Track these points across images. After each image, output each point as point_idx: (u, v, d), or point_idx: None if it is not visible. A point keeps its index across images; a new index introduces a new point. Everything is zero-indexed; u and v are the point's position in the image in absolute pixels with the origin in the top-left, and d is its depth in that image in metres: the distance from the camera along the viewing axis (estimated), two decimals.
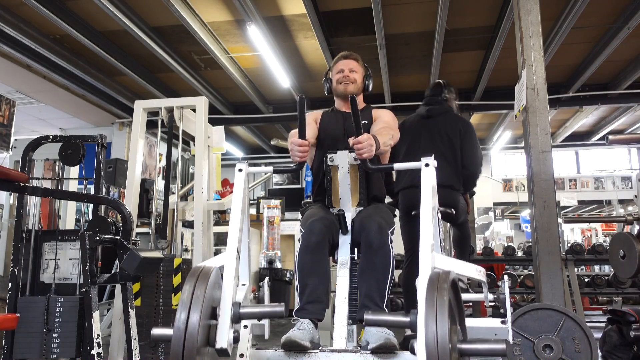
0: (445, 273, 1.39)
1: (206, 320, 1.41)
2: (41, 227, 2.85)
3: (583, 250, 5.18)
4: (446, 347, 1.22)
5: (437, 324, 1.25)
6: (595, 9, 4.94)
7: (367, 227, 2.06)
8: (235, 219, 1.80)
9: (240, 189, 1.89)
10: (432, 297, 1.30)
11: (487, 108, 7.47)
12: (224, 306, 1.53)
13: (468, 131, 3.41)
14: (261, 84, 7.03)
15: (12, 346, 2.54)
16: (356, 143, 1.97)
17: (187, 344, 1.32)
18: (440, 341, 1.23)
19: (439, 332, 1.24)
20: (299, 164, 2.08)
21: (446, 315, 1.25)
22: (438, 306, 1.27)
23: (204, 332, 1.40)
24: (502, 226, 15.51)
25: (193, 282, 1.42)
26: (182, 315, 1.35)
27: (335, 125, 2.47)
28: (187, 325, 1.33)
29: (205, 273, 1.46)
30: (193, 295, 1.38)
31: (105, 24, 5.24)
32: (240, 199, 1.86)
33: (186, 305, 1.36)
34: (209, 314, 1.44)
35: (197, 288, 1.40)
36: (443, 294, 1.30)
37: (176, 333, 1.33)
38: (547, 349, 2.45)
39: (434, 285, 1.35)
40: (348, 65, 2.47)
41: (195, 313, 1.35)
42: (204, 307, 1.37)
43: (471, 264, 1.74)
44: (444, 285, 1.33)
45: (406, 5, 4.97)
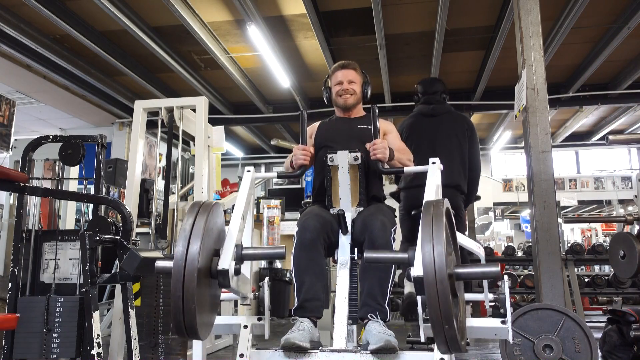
0: (440, 200, 1.41)
1: (207, 252, 1.42)
2: (41, 227, 2.85)
3: (583, 250, 5.17)
4: (443, 267, 1.23)
5: (434, 244, 1.26)
6: (595, 9, 4.94)
7: (370, 225, 2.07)
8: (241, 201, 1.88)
9: (247, 186, 1.98)
10: (429, 221, 1.32)
11: (487, 108, 7.47)
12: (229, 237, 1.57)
13: (473, 131, 3.42)
14: (261, 84, 7.03)
15: (12, 346, 2.55)
16: (372, 144, 2.13)
17: (187, 268, 1.33)
18: (437, 260, 1.23)
19: (436, 252, 1.25)
20: (302, 169, 2.20)
21: (442, 236, 1.26)
22: (434, 228, 1.29)
23: (205, 260, 1.41)
24: (502, 226, 15.50)
25: (194, 214, 1.43)
26: (181, 243, 1.36)
27: (336, 128, 2.49)
28: (187, 250, 1.34)
29: (207, 206, 1.48)
30: (193, 227, 1.39)
31: (105, 24, 5.24)
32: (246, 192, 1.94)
33: (186, 234, 1.37)
34: (210, 246, 1.45)
35: (197, 220, 1.41)
36: (439, 216, 1.31)
37: (176, 261, 1.34)
38: (547, 349, 2.45)
39: (429, 210, 1.36)
40: (346, 76, 2.48)
41: (196, 241, 1.36)
42: (204, 238, 1.38)
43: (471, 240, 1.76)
44: (440, 209, 1.34)
45: (406, 5, 4.97)
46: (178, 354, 3.10)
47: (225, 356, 3.64)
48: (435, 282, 1.23)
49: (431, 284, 1.23)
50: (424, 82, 3.61)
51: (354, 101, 2.49)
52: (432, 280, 1.23)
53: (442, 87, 3.53)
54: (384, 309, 1.97)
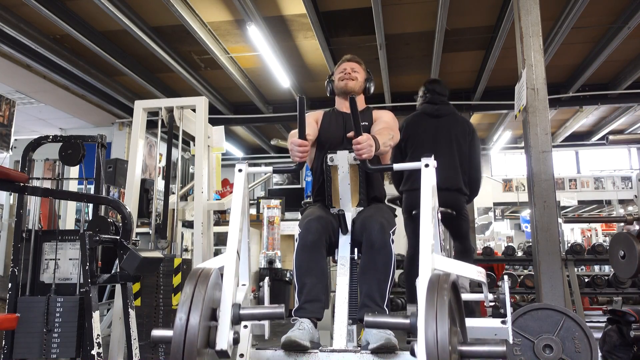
0: (445, 275, 1.39)
1: (206, 321, 1.41)
2: (41, 227, 2.85)
3: (583, 250, 5.18)
4: (446, 348, 1.22)
5: (437, 326, 1.25)
6: (595, 9, 4.94)
7: (369, 226, 2.06)
8: (235, 219, 1.80)
9: (240, 189, 1.88)
10: (432, 299, 1.30)
11: (487, 108, 7.47)
12: (224, 307, 1.53)
13: (474, 134, 3.43)
14: (261, 84, 7.03)
15: (12, 346, 2.54)
16: (356, 143, 1.97)
17: (187, 346, 1.32)
18: (441, 343, 1.22)
19: (439, 334, 1.23)
20: (299, 164, 2.08)
21: (446, 317, 1.25)
22: (438, 308, 1.27)
23: (204, 333, 1.40)
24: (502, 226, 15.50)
25: (193, 284, 1.42)
26: (182, 317, 1.35)
27: (335, 126, 2.48)
28: (187, 326, 1.33)
29: (206, 274, 1.46)
30: (193, 297, 1.38)
31: (105, 24, 5.24)
32: (240, 199, 1.85)
33: (186, 306, 1.36)
34: (209, 316, 1.44)
35: (197, 289, 1.40)
36: (443, 295, 1.30)
37: (176, 334, 1.33)
38: (547, 349, 2.45)
39: (434, 287, 1.34)
40: (351, 65, 2.52)
41: (195, 314, 1.35)
42: (204, 308, 1.37)
43: (471, 265, 1.74)
44: (444, 287, 1.33)
45: (406, 5, 4.97)
46: None
47: None
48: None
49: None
50: (434, 82, 3.61)
51: (355, 86, 2.47)
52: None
53: (445, 88, 3.58)
54: (383, 310, 1.97)
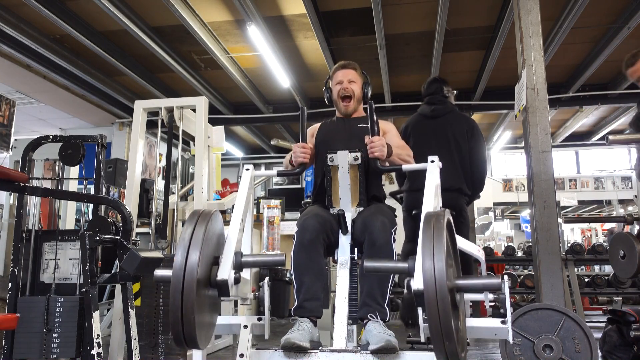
0: (440, 212, 1.40)
1: (206, 261, 1.42)
2: (41, 227, 2.85)
3: (583, 250, 5.18)
4: (443, 279, 1.22)
5: (435, 257, 1.25)
6: (595, 9, 4.94)
7: (370, 225, 2.07)
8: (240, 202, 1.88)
9: (246, 186, 1.99)
10: (429, 233, 1.31)
11: (487, 108, 7.47)
12: (228, 247, 1.56)
13: (475, 131, 3.40)
14: (261, 84, 7.03)
15: (12, 346, 2.55)
16: (370, 142, 2.11)
17: (186, 280, 1.32)
18: (438, 273, 1.22)
19: (437, 265, 1.24)
20: (301, 167, 2.19)
21: (443, 248, 1.25)
22: (435, 240, 1.28)
23: (205, 270, 1.41)
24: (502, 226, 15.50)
25: (193, 223, 1.42)
26: (180, 253, 1.35)
27: (336, 128, 2.49)
28: (186, 261, 1.34)
29: (206, 215, 1.47)
30: (192, 235, 1.40)
31: (105, 24, 5.24)
32: (245, 192, 1.95)
33: (185, 244, 1.37)
34: (209, 255, 1.45)
35: (196, 229, 1.41)
36: (440, 228, 1.31)
37: (175, 269, 1.34)
38: (547, 349, 2.45)
39: (429, 222, 1.35)
40: (346, 75, 2.49)
41: (195, 252, 1.36)
42: (203, 247, 1.38)
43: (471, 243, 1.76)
44: (440, 222, 1.34)
45: (406, 5, 4.97)
46: (178, 354, 3.11)
47: (225, 356, 3.64)
48: (436, 297, 1.22)
49: (431, 299, 1.22)
50: (427, 82, 3.63)
51: (354, 106, 2.50)
52: (432, 295, 1.22)
53: (442, 85, 3.51)
54: (384, 309, 1.97)
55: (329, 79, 2.60)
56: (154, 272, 1.46)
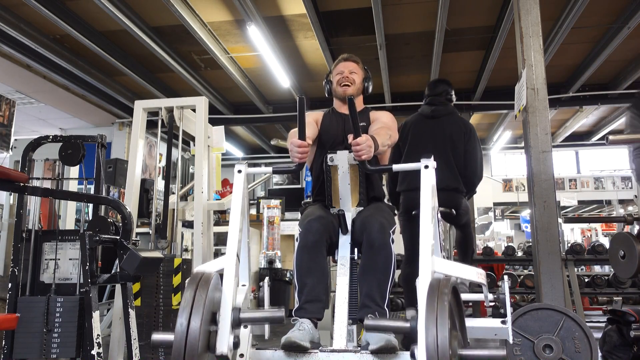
0: (445, 279, 1.39)
1: (207, 326, 1.42)
2: (41, 227, 2.85)
3: (583, 250, 5.18)
4: (446, 353, 1.22)
5: (438, 330, 1.25)
6: (595, 9, 4.94)
7: (368, 226, 2.06)
8: (234, 222, 1.79)
9: (240, 190, 1.87)
10: (433, 304, 1.31)
11: (487, 108, 7.47)
12: (224, 312, 1.53)
13: (472, 135, 3.40)
14: (261, 84, 7.03)
15: (12, 346, 2.54)
16: (355, 144, 1.97)
17: (188, 350, 1.33)
18: (441, 347, 1.23)
19: (440, 338, 1.24)
20: (299, 164, 2.07)
21: (447, 322, 1.25)
22: (439, 313, 1.28)
23: (205, 337, 1.41)
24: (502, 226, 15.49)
25: (194, 288, 1.42)
26: (182, 322, 1.35)
27: (335, 127, 2.48)
28: (187, 331, 1.34)
29: (206, 279, 1.47)
30: (194, 301, 1.39)
31: (105, 24, 5.24)
32: (240, 201, 1.84)
33: (187, 311, 1.37)
34: (209, 320, 1.45)
35: (197, 294, 1.41)
36: (444, 300, 1.30)
37: (177, 339, 1.34)
38: (547, 349, 2.45)
39: (434, 291, 1.35)
40: (348, 67, 2.49)
41: (196, 319, 1.36)
42: (204, 312, 1.38)
43: (471, 267, 1.74)
44: (445, 291, 1.33)
45: (406, 5, 4.97)
46: None
47: None
48: None
49: None
50: (430, 83, 3.63)
51: (353, 91, 2.46)
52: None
53: (447, 87, 3.52)
54: (384, 310, 1.97)
55: (330, 72, 2.59)
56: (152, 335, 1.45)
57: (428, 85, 3.61)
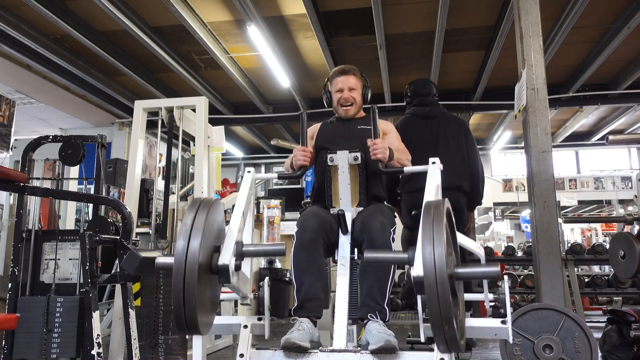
0: (440, 201, 1.41)
1: (207, 246, 1.43)
2: (41, 227, 2.86)
3: (583, 250, 5.18)
4: (443, 266, 1.23)
5: (434, 245, 1.26)
6: (595, 9, 4.94)
7: (369, 226, 2.07)
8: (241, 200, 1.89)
9: (247, 187, 1.98)
10: (429, 221, 1.32)
11: (487, 108, 7.47)
12: (229, 235, 1.58)
13: (468, 131, 3.42)
14: (261, 84, 7.03)
15: (12, 346, 2.55)
16: (373, 144, 2.12)
17: (188, 269, 1.34)
18: (438, 260, 1.24)
19: (436, 252, 1.25)
20: (302, 169, 2.19)
21: (443, 237, 1.26)
22: (435, 228, 1.29)
23: (205, 256, 1.42)
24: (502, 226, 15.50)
25: (194, 211, 1.44)
26: (182, 242, 1.37)
27: (336, 129, 2.49)
28: (188, 247, 1.35)
29: (207, 202, 1.49)
30: (194, 223, 1.41)
31: (105, 24, 5.24)
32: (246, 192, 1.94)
33: (187, 231, 1.39)
34: (209, 242, 1.46)
35: (197, 217, 1.42)
36: (440, 216, 1.31)
37: (177, 257, 1.36)
38: (547, 349, 2.45)
39: (429, 211, 1.36)
40: (347, 83, 2.46)
41: (196, 239, 1.37)
42: (204, 234, 1.40)
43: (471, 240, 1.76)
44: (440, 209, 1.35)
45: (406, 5, 4.97)
46: (178, 354, 3.10)
47: (225, 356, 3.64)
48: (436, 282, 1.23)
49: (431, 284, 1.24)
50: (417, 83, 3.58)
51: (355, 111, 2.50)
52: (432, 280, 1.24)
53: (434, 87, 3.53)
54: (384, 309, 1.97)
55: (328, 81, 2.59)
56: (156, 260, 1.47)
57: (414, 85, 3.55)
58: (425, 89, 3.50)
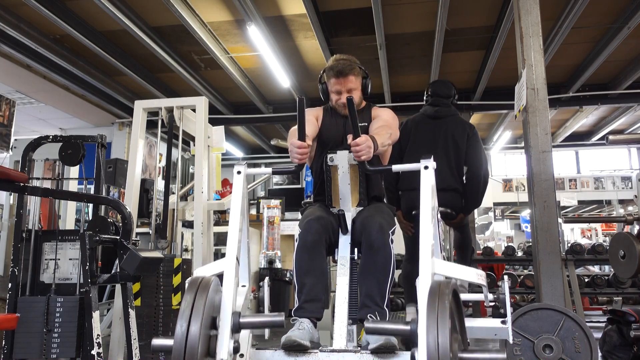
0: (445, 282, 1.40)
1: (207, 330, 1.42)
2: (41, 227, 2.85)
3: (583, 250, 5.17)
4: (447, 356, 1.23)
5: (439, 333, 1.25)
6: (595, 9, 4.94)
7: (368, 227, 2.06)
8: (234, 224, 1.79)
9: (239, 192, 1.87)
10: (434, 307, 1.31)
11: (487, 108, 7.48)
12: (224, 317, 1.54)
13: (474, 137, 3.35)
14: (261, 84, 7.03)
15: (12, 346, 2.54)
16: (354, 145, 1.96)
17: (187, 355, 1.33)
18: (442, 350, 1.23)
19: (441, 341, 1.24)
20: (298, 165, 2.06)
21: (447, 325, 1.26)
22: (439, 315, 1.28)
23: (205, 342, 1.41)
24: (502, 226, 15.51)
25: (193, 292, 1.42)
26: (182, 325, 1.35)
27: (335, 126, 2.47)
28: (187, 336, 1.35)
29: (206, 283, 1.47)
30: (193, 306, 1.40)
31: (105, 24, 5.24)
32: (239, 202, 1.84)
33: (186, 315, 1.37)
34: (209, 324, 1.45)
35: (197, 298, 1.41)
36: (444, 302, 1.31)
37: (177, 344, 1.34)
38: (547, 349, 2.45)
39: (435, 294, 1.35)
40: (345, 85, 2.39)
41: (196, 324, 1.36)
42: (204, 317, 1.38)
43: (471, 268, 1.74)
44: (445, 293, 1.33)
45: (406, 5, 4.97)
46: None
47: None
48: None
49: None
50: (435, 83, 3.57)
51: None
52: None
53: (453, 91, 3.46)
54: (383, 310, 1.97)
55: (324, 73, 2.57)
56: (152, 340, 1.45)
57: (432, 84, 3.54)
58: (442, 90, 3.45)
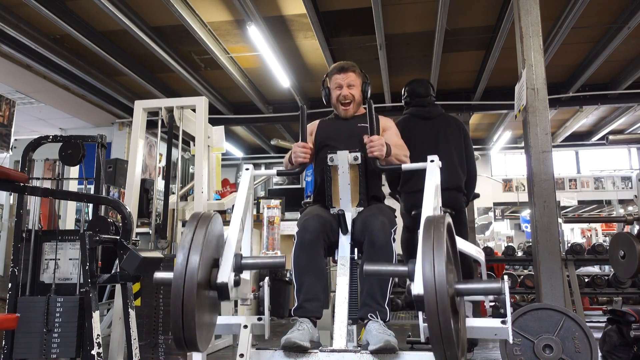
0: (440, 216, 1.40)
1: (206, 261, 1.43)
2: (41, 227, 2.86)
3: (583, 250, 5.18)
4: (444, 284, 1.22)
5: (435, 261, 1.25)
6: (595, 9, 4.94)
7: (370, 225, 2.06)
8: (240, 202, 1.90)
9: (245, 185, 2.01)
10: (429, 238, 1.31)
11: (487, 108, 7.47)
12: (228, 249, 1.58)
13: (467, 133, 3.43)
14: (261, 84, 7.03)
15: (12, 346, 2.55)
16: (369, 141, 2.11)
17: (187, 284, 1.33)
18: (438, 279, 1.22)
19: (437, 269, 1.23)
20: (301, 166, 2.18)
21: (444, 252, 1.25)
22: (435, 246, 1.28)
23: (204, 272, 1.42)
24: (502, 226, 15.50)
25: (193, 226, 1.43)
26: (181, 257, 1.36)
27: (336, 127, 2.48)
28: (187, 264, 1.35)
29: (205, 217, 1.48)
30: (193, 238, 1.41)
31: (105, 24, 5.24)
32: (245, 192, 1.96)
33: (186, 247, 1.39)
34: (208, 256, 1.46)
35: (196, 231, 1.42)
36: (440, 230, 1.30)
37: (176, 273, 1.35)
38: (547, 349, 2.45)
39: (430, 227, 1.35)
40: (346, 79, 2.44)
41: (195, 254, 1.37)
42: (203, 248, 1.40)
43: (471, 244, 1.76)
44: (441, 226, 1.34)
45: (406, 5, 4.97)
46: (178, 354, 3.11)
47: (225, 356, 3.64)
48: (436, 302, 1.22)
49: (432, 304, 1.23)
50: (415, 84, 3.56)
51: (354, 109, 2.48)
52: (432, 300, 1.22)
53: (432, 89, 3.53)
54: (384, 309, 1.97)
55: (327, 77, 2.58)
56: (154, 274, 1.46)
57: (409, 85, 3.54)
58: (424, 90, 3.48)
